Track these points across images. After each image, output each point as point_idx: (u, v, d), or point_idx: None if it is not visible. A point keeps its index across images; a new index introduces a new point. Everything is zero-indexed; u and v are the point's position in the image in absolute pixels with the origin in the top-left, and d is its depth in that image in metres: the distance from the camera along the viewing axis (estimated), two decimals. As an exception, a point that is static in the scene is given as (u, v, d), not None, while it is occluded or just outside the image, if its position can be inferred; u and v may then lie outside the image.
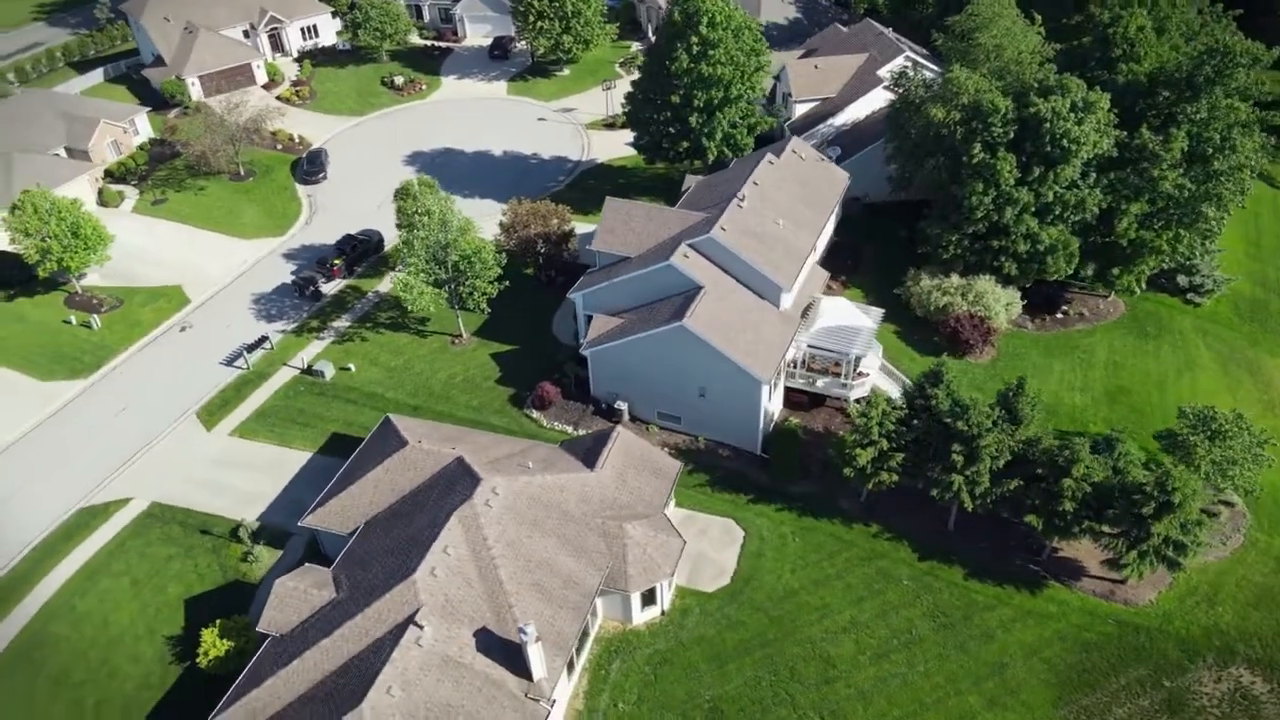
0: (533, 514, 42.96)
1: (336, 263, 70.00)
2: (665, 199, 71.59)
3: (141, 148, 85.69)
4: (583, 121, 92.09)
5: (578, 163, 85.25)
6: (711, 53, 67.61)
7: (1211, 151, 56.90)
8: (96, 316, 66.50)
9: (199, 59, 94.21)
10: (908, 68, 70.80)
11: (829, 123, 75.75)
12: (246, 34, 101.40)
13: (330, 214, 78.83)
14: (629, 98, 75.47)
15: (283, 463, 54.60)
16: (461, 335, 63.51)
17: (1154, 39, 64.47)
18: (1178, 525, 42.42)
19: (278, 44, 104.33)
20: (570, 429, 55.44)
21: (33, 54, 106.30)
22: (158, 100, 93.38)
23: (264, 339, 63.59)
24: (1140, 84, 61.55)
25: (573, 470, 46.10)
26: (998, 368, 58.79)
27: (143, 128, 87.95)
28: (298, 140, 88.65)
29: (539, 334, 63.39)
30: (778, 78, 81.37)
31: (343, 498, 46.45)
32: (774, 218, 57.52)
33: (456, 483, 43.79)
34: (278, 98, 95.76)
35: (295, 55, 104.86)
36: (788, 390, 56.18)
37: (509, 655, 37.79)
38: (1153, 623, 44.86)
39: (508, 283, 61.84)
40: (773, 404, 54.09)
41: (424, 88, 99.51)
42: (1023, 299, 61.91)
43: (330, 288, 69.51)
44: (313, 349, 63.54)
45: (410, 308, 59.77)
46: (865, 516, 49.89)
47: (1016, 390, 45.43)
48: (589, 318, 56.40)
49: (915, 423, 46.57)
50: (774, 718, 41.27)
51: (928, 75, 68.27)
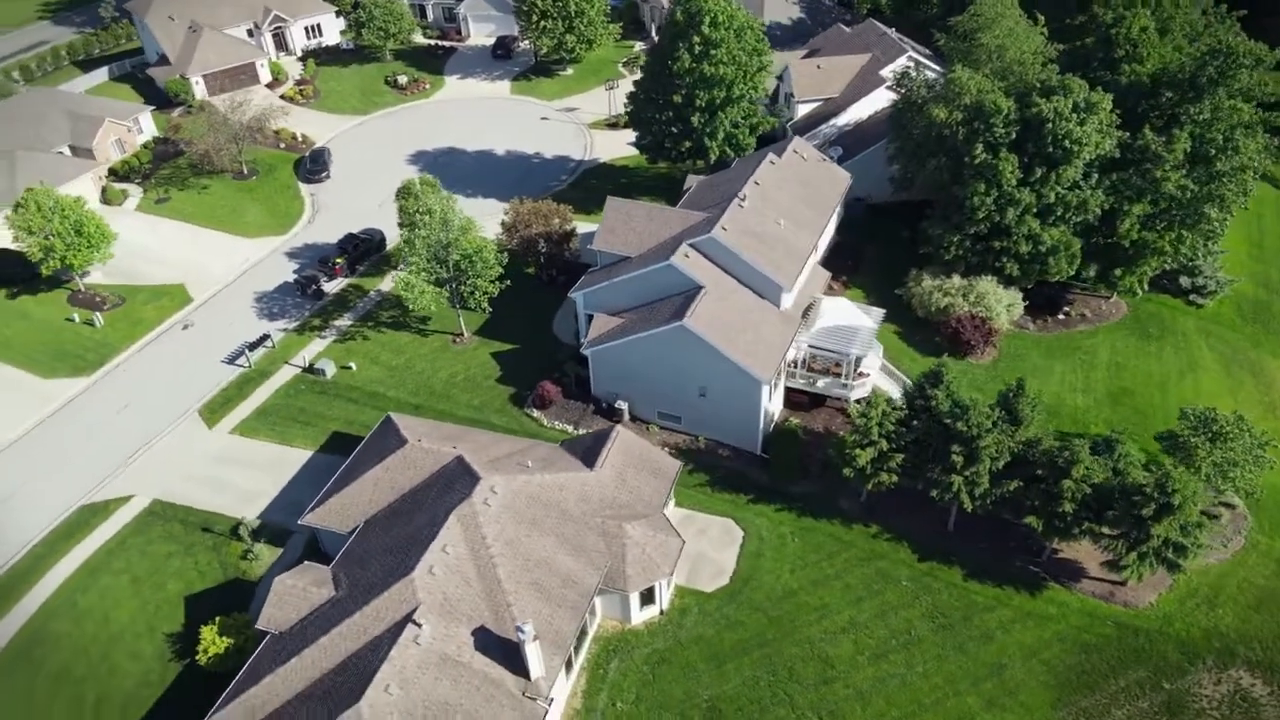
0: (531, 513, 42.99)
1: (338, 261, 70.12)
2: (667, 199, 71.59)
3: (145, 146, 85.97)
4: (585, 121, 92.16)
5: (580, 162, 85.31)
6: (713, 52, 67.59)
7: (1214, 152, 56.78)
8: (99, 314, 66.71)
9: (203, 58, 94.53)
10: (910, 68, 70.64)
11: (831, 123, 75.63)
12: (250, 33, 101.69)
13: (333, 213, 78.98)
14: (631, 97, 75.49)
15: (283, 461, 54.74)
16: (463, 334, 63.59)
17: (1157, 39, 64.46)
18: (1178, 527, 42.34)
19: (282, 43, 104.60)
20: (571, 428, 55.47)
21: (38, 53, 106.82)
22: (162, 99, 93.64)
23: (266, 337, 63.75)
24: (1143, 85, 61.49)
25: (572, 469, 46.11)
26: (999, 369, 58.68)
27: (147, 126, 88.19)
28: (301, 139, 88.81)
29: (540, 333, 63.45)
30: (780, 78, 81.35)
31: (342, 496, 46.57)
32: (775, 218, 57.48)
33: (455, 481, 43.85)
34: (281, 97, 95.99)
35: (299, 54, 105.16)
36: (788, 390, 56.14)
37: (507, 654, 37.85)
38: (1152, 625, 44.75)
39: (509, 282, 61.92)
40: (773, 404, 54.07)
41: (427, 87, 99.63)
42: (1024, 300, 61.79)
43: (332, 286, 69.65)
44: (314, 347, 63.68)
45: (412, 307, 59.87)
46: (865, 517, 49.85)
47: (1016, 391, 45.38)
48: (590, 317, 56.45)
49: (915, 423, 46.50)
50: (772, 718, 41.26)
51: (930, 75, 68.17)
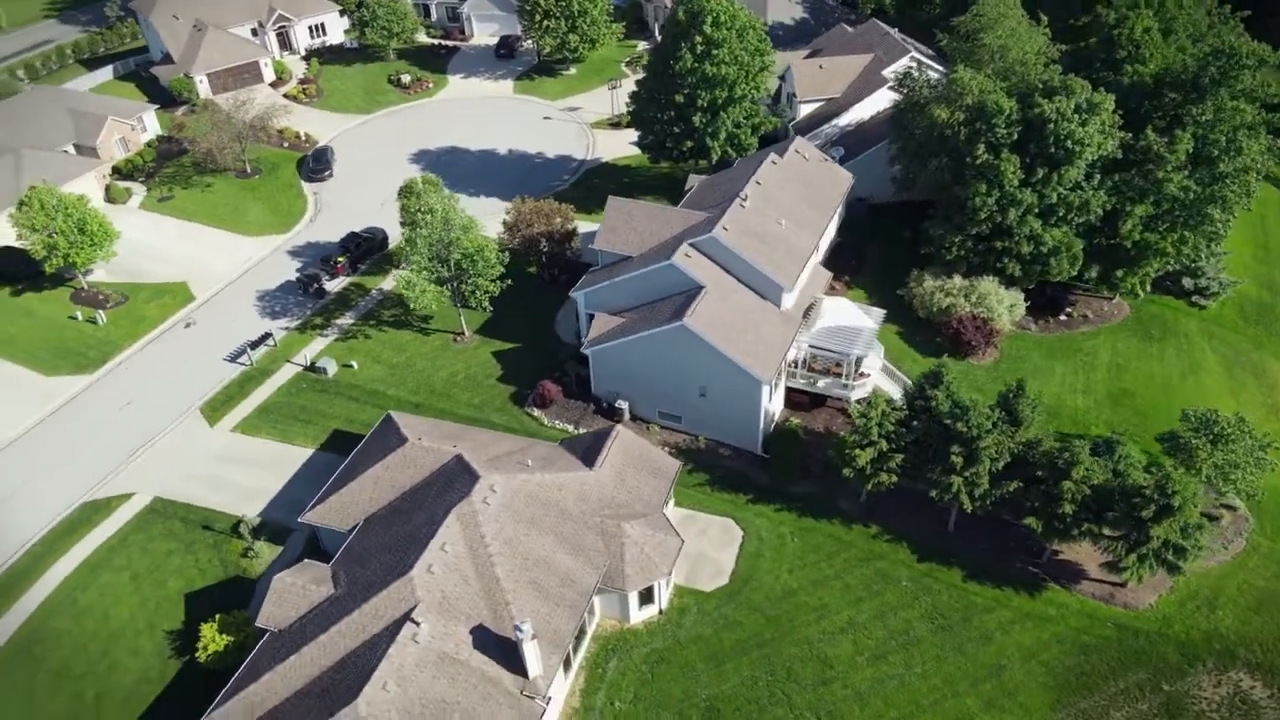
0: (530, 512, 43.02)
1: (340, 260, 70.23)
2: (669, 198, 71.62)
3: (149, 145, 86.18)
4: (588, 121, 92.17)
5: (582, 162, 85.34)
6: (715, 52, 67.59)
7: (1217, 153, 56.64)
8: (102, 312, 66.88)
9: (207, 57, 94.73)
10: (912, 68, 70.54)
11: (833, 123, 75.54)
12: (254, 32, 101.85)
13: (335, 212, 79.10)
14: (634, 97, 75.54)
15: (284, 459, 54.84)
16: (464, 333, 63.65)
17: (1159, 40, 64.31)
18: (1178, 529, 42.25)
19: (285, 42, 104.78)
20: (571, 427, 55.49)
21: (43, 51, 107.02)
22: (166, 98, 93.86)
23: (268, 336, 63.87)
24: (1145, 85, 61.33)
25: (572, 469, 46.12)
26: (1000, 369, 58.59)
27: (150, 125, 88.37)
28: (304, 138, 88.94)
29: (541, 332, 63.48)
30: (783, 78, 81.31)
31: (343, 494, 46.64)
32: (776, 218, 57.45)
33: (455, 480, 43.90)
34: (285, 95, 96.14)
35: (303, 53, 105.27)
36: (789, 390, 56.11)
37: (505, 652, 37.88)
38: (1152, 626, 44.67)
39: (510, 281, 61.99)
40: (773, 404, 54.04)
41: (430, 86, 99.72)
42: (1026, 301, 61.69)
43: (334, 285, 69.76)
44: (316, 346, 63.78)
45: (413, 306, 59.95)
46: (865, 517, 49.81)
47: (1017, 392, 45.30)
48: (590, 316, 56.47)
49: (915, 424, 46.46)
50: (770, 718, 41.24)
51: (932, 76, 68.08)
